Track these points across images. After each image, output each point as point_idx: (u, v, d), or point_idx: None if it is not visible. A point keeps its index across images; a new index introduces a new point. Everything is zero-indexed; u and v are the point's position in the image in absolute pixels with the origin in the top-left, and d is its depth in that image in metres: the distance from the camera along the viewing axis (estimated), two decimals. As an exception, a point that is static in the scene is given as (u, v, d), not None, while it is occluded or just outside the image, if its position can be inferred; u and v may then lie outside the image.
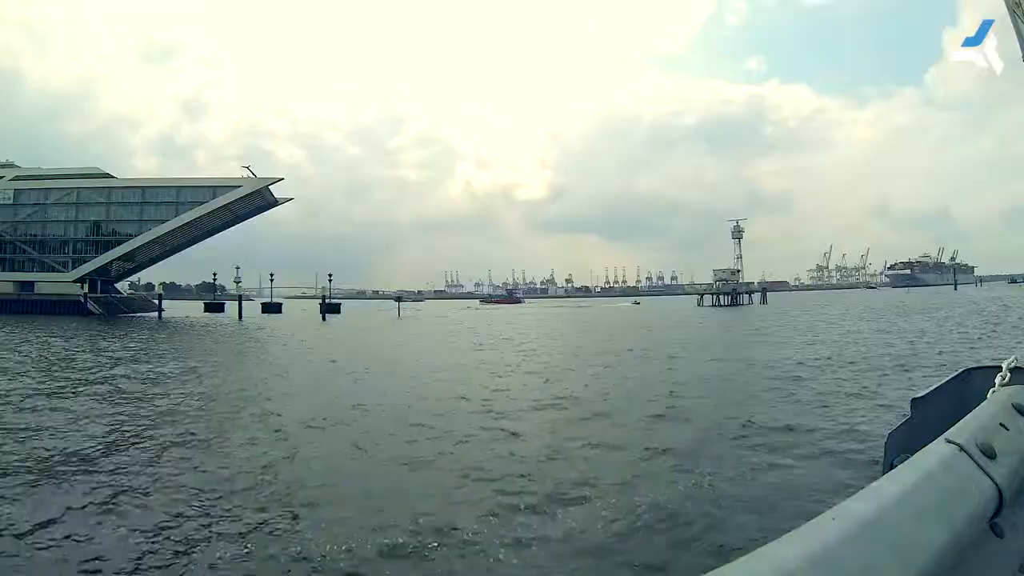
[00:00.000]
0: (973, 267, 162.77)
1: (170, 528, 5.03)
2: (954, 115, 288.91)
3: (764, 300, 76.48)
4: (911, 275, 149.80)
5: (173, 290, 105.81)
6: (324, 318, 52.56)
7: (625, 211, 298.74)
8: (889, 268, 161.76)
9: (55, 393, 11.99)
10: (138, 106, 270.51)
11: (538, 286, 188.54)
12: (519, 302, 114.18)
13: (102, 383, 13.59)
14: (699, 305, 70.93)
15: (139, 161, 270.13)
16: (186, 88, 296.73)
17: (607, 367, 16.16)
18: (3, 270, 61.05)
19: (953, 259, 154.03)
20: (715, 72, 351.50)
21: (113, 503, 5.63)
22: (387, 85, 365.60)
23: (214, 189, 60.61)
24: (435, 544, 4.66)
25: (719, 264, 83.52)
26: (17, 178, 62.64)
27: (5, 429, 8.71)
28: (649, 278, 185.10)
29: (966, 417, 1.33)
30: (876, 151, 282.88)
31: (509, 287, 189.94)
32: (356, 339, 31.17)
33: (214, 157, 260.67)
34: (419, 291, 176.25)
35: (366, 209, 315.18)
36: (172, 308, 60.42)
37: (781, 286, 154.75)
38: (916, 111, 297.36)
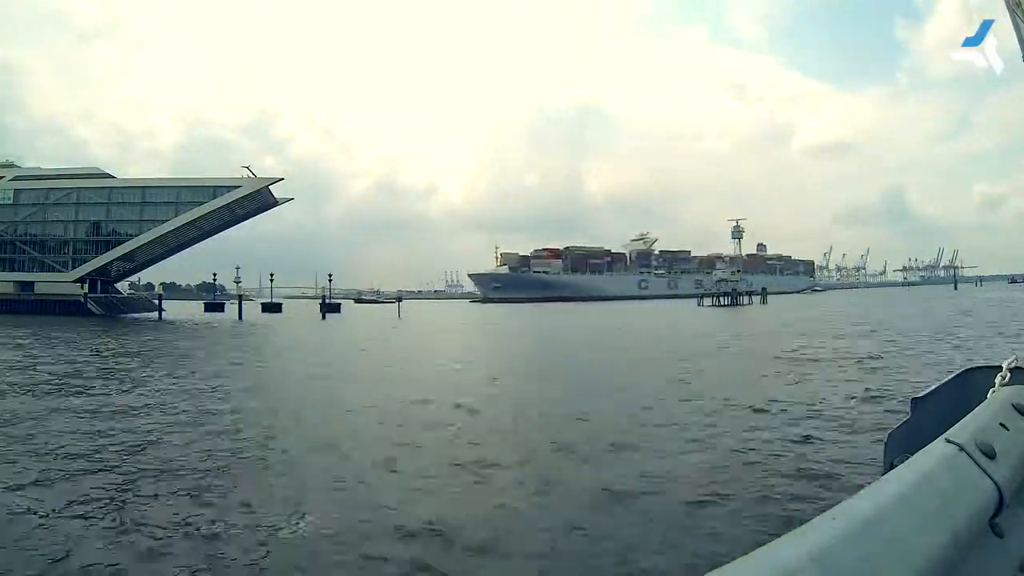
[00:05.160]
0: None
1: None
2: (944, 109, 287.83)
3: (764, 300, 76.23)
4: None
5: (173, 290, 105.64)
6: (324, 317, 53.31)
7: (590, 207, 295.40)
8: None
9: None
10: (85, 99, 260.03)
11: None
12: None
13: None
14: (699, 306, 70.73)
15: (97, 150, 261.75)
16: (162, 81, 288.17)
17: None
18: (3, 270, 60.83)
19: (952, 261, 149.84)
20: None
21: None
22: (386, 89, 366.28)
23: (214, 189, 60.37)
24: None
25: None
26: (17, 178, 62.41)
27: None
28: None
29: (966, 417, 1.33)
30: (872, 147, 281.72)
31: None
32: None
33: (202, 156, 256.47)
34: (408, 291, 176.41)
35: (366, 210, 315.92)
36: (172, 308, 60.32)
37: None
38: (904, 101, 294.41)
